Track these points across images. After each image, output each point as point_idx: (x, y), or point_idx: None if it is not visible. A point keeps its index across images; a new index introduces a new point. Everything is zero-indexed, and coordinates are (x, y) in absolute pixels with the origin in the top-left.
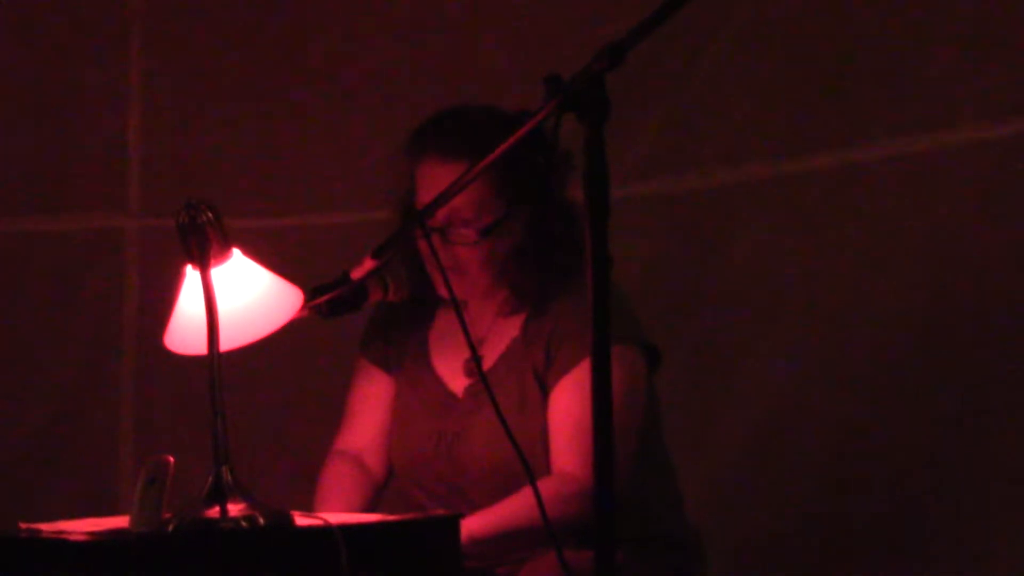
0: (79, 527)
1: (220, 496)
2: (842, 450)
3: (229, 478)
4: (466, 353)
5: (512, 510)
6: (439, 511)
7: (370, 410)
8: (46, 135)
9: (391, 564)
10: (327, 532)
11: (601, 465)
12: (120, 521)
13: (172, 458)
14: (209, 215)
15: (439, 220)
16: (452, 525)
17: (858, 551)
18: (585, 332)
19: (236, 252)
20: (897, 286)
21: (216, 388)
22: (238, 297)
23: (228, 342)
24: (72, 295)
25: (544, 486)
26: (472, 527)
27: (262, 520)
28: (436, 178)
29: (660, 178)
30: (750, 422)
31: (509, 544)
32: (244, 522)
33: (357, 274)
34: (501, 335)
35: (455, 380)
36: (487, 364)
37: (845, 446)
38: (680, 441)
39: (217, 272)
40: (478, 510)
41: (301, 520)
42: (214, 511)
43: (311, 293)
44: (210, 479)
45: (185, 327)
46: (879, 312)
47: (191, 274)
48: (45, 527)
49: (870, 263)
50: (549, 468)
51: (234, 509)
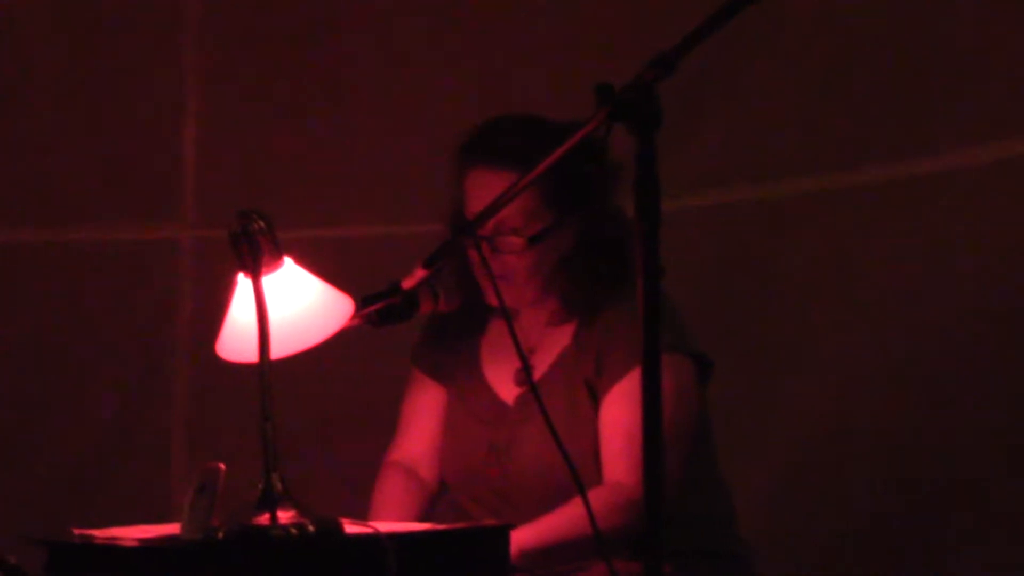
0: (131, 533)
1: (270, 503)
2: (895, 463)
3: (279, 485)
4: (517, 362)
5: (562, 521)
6: (489, 521)
7: (423, 421)
8: (103, 147)
9: (440, 573)
10: (376, 540)
11: (650, 475)
12: (171, 528)
13: (223, 466)
14: (261, 224)
15: (487, 229)
16: (501, 534)
17: (912, 565)
18: (636, 341)
19: (288, 261)
20: (949, 299)
21: (266, 395)
22: (289, 305)
23: (279, 350)
24: (127, 305)
25: (595, 496)
26: (522, 539)
27: (312, 527)
28: (484, 187)
29: (714, 190)
30: (802, 435)
31: (559, 555)
32: (294, 529)
33: (408, 284)
34: (552, 344)
35: (506, 389)
36: (538, 373)
37: (898, 459)
38: (732, 454)
39: (269, 280)
40: (528, 520)
41: (350, 528)
42: (264, 518)
43: (362, 302)
44: (260, 486)
45: (237, 335)
46: (931, 325)
47: (243, 282)
48: (98, 533)
49: (922, 276)
50: (600, 478)
51: (284, 516)
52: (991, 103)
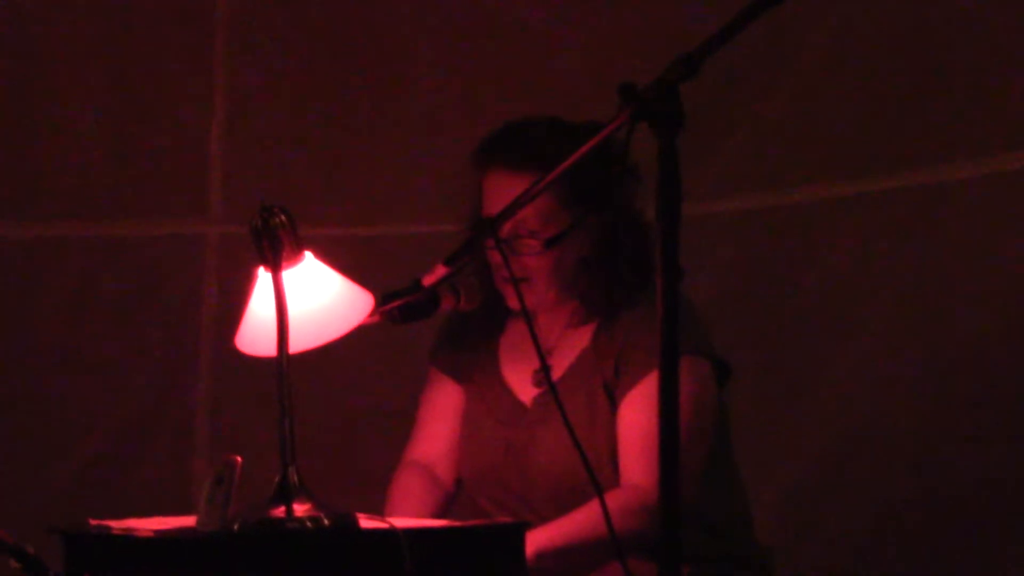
0: (147, 525)
1: (286, 496)
2: (918, 469)
3: (295, 479)
4: (535, 363)
5: (579, 523)
6: (505, 519)
7: (440, 420)
8: (131, 143)
9: (455, 570)
10: (391, 535)
11: (667, 477)
12: (188, 520)
13: (239, 458)
14: (282, 218)
15: (505, 230)
16: (517, 533)
17: (936, 570)
18: (655, 344)
19: (308, 255)
20: (977, 306)
21: (284, 389)
22: (309, 300)
23: (298, 344)
24: (152, 299)
25: (612, 498)
26: (539, 540)
27: (327, 521)
28: (502, 190)
29: (741, 195)
30: (824, 441)
31: (576, 557)
32: (309, 522)
33: (429, 281)
34: (571, 346)
35: (524, 390)
36: (556, 374)
37: (921, 465)
38: (753, 459)
39: (289, 275)
40: (545, 520)
41: (365, 522)
42: (280, 511)
43: (383, 299)
44: (277, 479)
45: (256, 328)
46: (957, 332)
47: (263, 276)
48: (114, 524)
49: (951, 283)
50: (616, 480)
51: (300, 510)
52: (1010, 113)
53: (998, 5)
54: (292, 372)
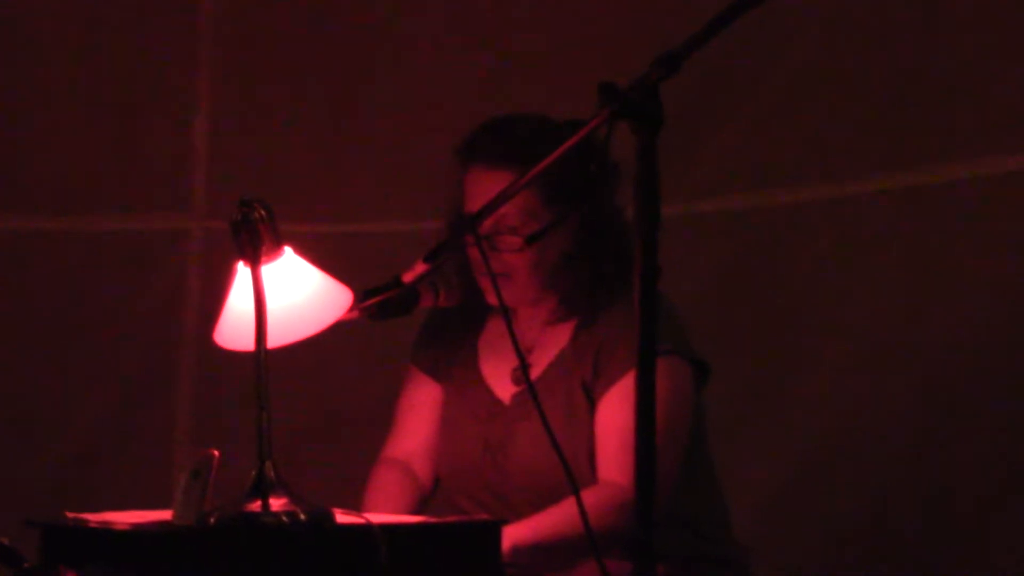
0: (124, 518)
1: (262, 491)
2: (896, 469)
3: (272, 473)
4: (515, 361)
5: (559, 519)
6: (482, 516)
7: (418, 417)
8: (116, 138)
9: (430, 566)
10: (367, 530)
11: (642, 476)
12: (165, 514)
13: (217, 452)
14: (262, 213)
15: (486, 227)
16: (494, 529)
17: (910, 571)
18: (634, 344)
19: (288, 250)
20: (957, 309)
21: (262, 384)
22: (288, 295)
23: (276, 339)
24: (136, 294)
25: (589, 496)
26: (517, 534)
27: (303, 516)
28: (484, 186)
29: (725, 195)
30: (807, 440)
31: (552, 553)
32: (285, 517)
33: (408, 278)
34: (550, 344)
35: (503, 388)
36: (535, 372)
37: (898, 468)
38: (735, 459)
39: (268, 269)
40: (522, 518)
41: (342, 518)
42: (256, 505)
43: (362, 295)
44: (253, 473)
45: (235, 323)
46: (937, 334)
47: (243, 271)
48: (91, 517)
49: (934, 284)
50: (594, 479)
51: (276, 504)
52: (1000, 114)
53: (983, 6)
54: (273, 368)
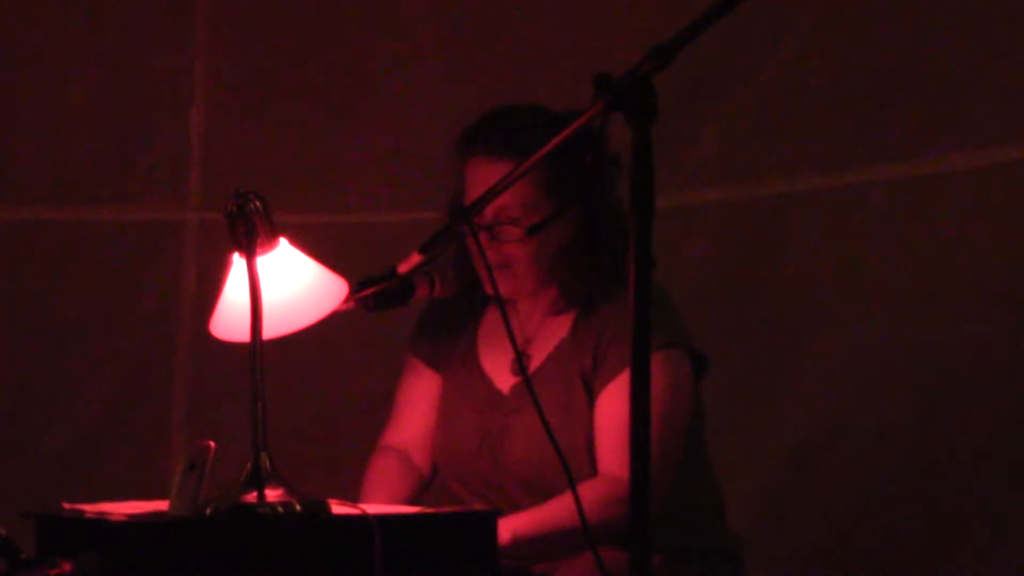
0: (120, 509)
1: (258, 482)
2: (889, 462)
3: (267, 464)
4: (514, 351)
5: (557, 511)
6: (478, 506)
7: (417, 407)
8: (111, 128)
9: (426, 556)
10: (362, 520)
11: (637, 469)
12: (161, 505)
13: (213, 444)
14: (257, 204)
15: (486, 218)
16: (489, 520)
17: (902, 564)
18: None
19: (283, 241)
20: (952, 300)
21: (257, 375)
22: (283, 286)
23: (272, 330)
24: (132, 284)
25: (589, 488)
26: (517, 525)
27: (298, 506)
28: (484, 177)
29: (719, 186)
30: (798, 432)
31: (551, 545)
32: (281, 508)
33: (404, 268)
34: (549, 335)
35: (502, 378)
36: (534, 364)
37: (893, 458)
38: (730, 450)
39: (263, 260)
40: (518, 509)
41: (338, 508)
42: (252, 496)
43: (357, 285)
44: (249, 465)
45: (230, 314)
46: (932, 325)
47: (238, 262)
48: (88, 508)
49: (926, 275)
50: (592, 471)
51: (272, 495)
52: (997, 105)
53: None
54: (269, 359)
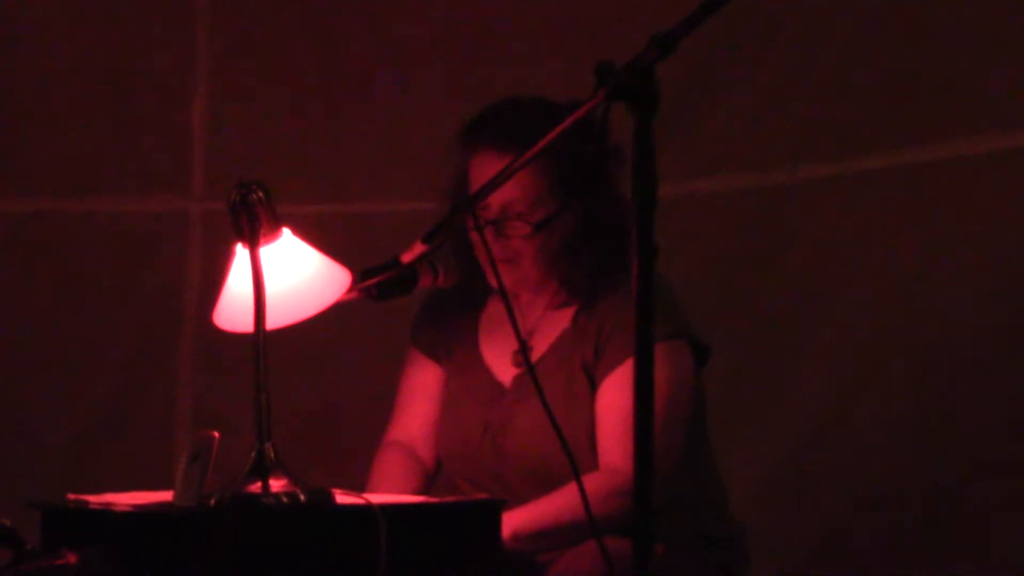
0: (125, 500)
1: (262, 472)
2: (892, 452)
3: (272, 454)
4: (516, 343)
5: (557, 505)
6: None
7: (420, 400)
8: (115, 119)
9: (431, 546)
10: (367, 510)
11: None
12: (165, 495)
13: (217, 434)
14: (260, 194)
15: (493, 213)
16: (494, 510)
17: (905, 554)
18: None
19: (286, 232)
20: (956, 289)
21: (261, 366)
22: (286, 276)
23: (275, 321)
24: (136, 275)
25: (590, 481)
26: (516, 522)
27: (303, 496)
28: (488, 170)
29: (723, 175)
30: (801, 422)
31: (552, 539)
32: (285, 498)
33: (407, 258)
34: (551, 327)
35: (504, 370)
36: (536, 355)
37: (895, 448)
38: (733, 439)
39: (266, 251)
40: (521, 501)
41: (342, 498)
42: (256, 486)
43: (360, 275)
44: (253, 455)
45: (234, 304)
46: (937, 315)
47: (241, 252)
48: (92, 499)
49: (929, 265)
50: (595, 462)
51: (276, 485)
52: (997, 92)
53: None
54: (274, 350)
